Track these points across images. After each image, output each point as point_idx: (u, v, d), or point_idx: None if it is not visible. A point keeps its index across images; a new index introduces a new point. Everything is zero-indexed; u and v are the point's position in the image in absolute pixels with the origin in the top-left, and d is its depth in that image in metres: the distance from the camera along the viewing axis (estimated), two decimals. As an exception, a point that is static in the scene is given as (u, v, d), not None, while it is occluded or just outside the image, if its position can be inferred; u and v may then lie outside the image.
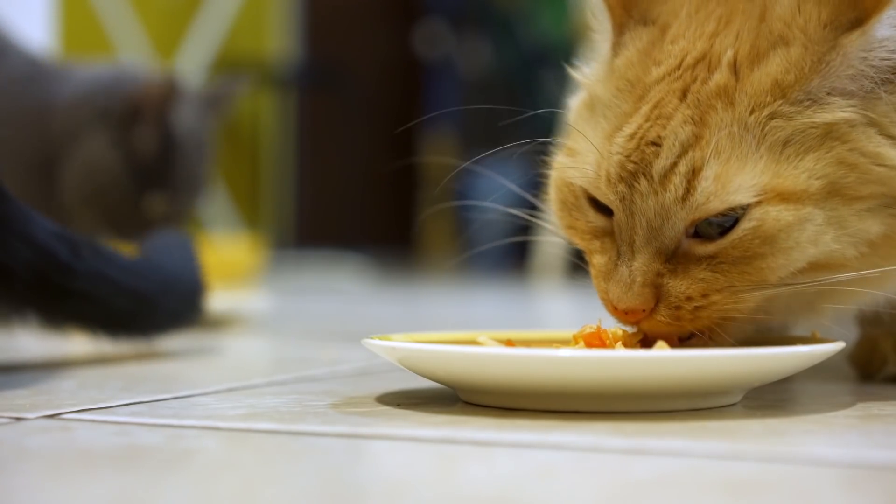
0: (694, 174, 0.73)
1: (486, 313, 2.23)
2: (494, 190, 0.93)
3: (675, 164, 0.74)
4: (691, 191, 0.73)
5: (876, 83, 0.75)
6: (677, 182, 0.73)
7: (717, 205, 0.73)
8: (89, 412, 0.76)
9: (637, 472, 0.59)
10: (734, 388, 0.76)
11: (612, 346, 0.77)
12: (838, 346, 0.76)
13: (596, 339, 0.77)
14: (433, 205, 4.67)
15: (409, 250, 4.88)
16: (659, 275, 0.74)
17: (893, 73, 0.75)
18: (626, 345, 0.77)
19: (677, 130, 0.74)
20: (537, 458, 0.62)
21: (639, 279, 0.74)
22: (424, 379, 0.79)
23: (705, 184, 0.73)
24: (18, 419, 0.73)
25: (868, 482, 0.57)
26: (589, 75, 0.83)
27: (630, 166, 0.75)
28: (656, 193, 0.74)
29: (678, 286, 0.74)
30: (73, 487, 0.55)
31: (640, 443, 0.65)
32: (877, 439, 0.68)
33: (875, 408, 0.77)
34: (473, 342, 0.82)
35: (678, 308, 0.75)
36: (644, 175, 0.74)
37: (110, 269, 1.03)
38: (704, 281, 0.74)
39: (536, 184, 0.86)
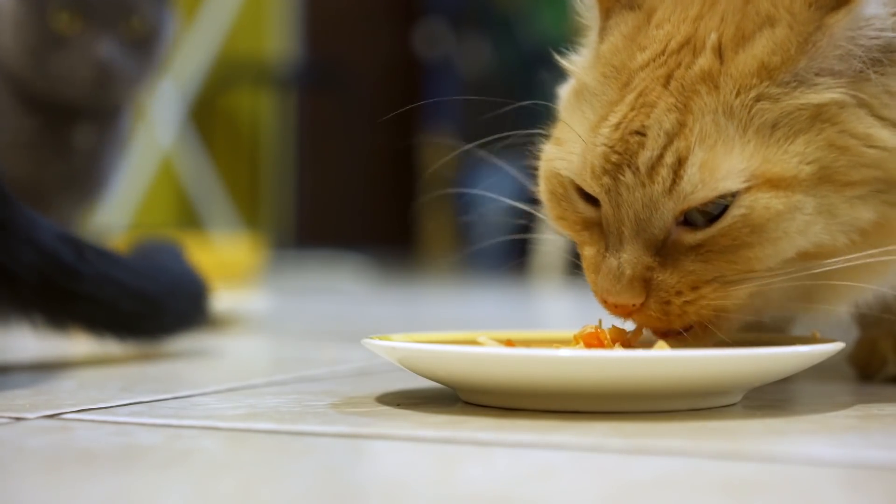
0: (680, 164, 0.72)
1: (486, 313, 2.23)
2: (494, 188, 0.93)
3: (661, 156, 0.72)
4: (678, 181, 0.72)
5: (865, 63, 0.73)
6: (664, 174, 0.72)
7: (705, 193, 0.72)
8: (89, 412, 0.76)
9: (637, 472, 0.59)
10: (734, 388, 0.76)
11: (610, 346, 0.77)
12: (838, 346, 0.76)
13: (595, 340, 0.77)
14: (433, 204, 4.67)
15: (409, 250, 4.88)
16: (649, 268, 0.74)
17: (882, 53, 0.74)
18: (626, 345, 0.77)
19: (661, 119, 0.73)
20: (537, 458, 0.62)
21: (628, 272, 0.74)
22: (424, 379, 0.79)
23: (691, 171, 0.72)
24: (18, 419, 0.73)
25: (868, 482, 0.57)
26: (577, 62, 0.82)
27: (614, 157, 0.74)
28: (643, 186, 0.73)
29: (668, 280, 0.74)
30: (72, 487, 0.55)
31: (639, 443, 0.65)
32: (876, 439, 0.68)
33: (875, 408, 0.77)
34: (473, 342, 0.82)
35: (668, 303, 0.74)
36: (629, 167, 0.73)
37: (116, 272, 1.03)
38: (694, 273, 0.73)
39: (535, 181, 0.85)
